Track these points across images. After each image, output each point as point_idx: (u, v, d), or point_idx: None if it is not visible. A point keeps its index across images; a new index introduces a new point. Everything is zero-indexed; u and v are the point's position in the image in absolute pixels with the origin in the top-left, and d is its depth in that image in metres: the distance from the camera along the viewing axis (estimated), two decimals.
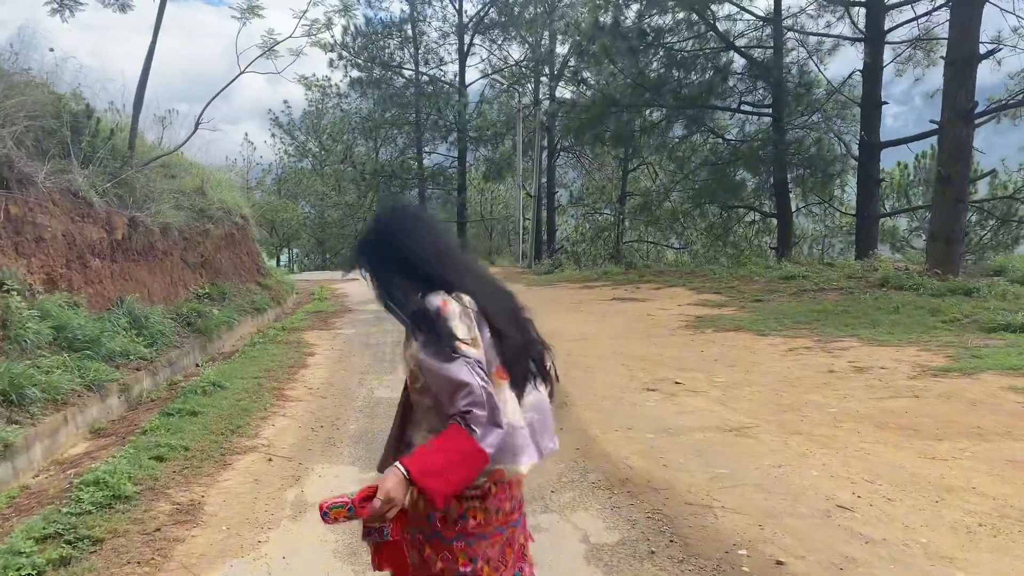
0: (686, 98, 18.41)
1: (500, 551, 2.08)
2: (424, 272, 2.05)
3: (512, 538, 2.12)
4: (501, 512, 2.06)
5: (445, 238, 2.15)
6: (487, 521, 2.03)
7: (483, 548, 2.03)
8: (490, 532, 2.04)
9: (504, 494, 2.06)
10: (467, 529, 2.01)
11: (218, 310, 11.96)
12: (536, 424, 2.14)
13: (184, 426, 6.19)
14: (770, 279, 14.52)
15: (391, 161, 37.75)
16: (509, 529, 2.10)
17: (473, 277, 2.10)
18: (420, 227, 2.11)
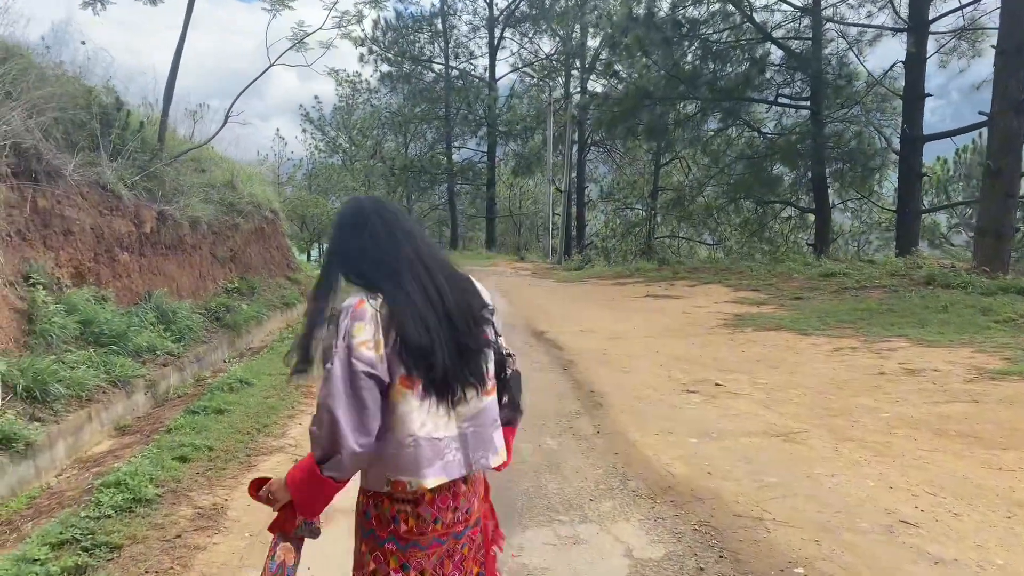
0: (722, 90, 17.98)
1: (438, 562, 2.02)
2: (359, 270, 2.01)
3: (453, 549, 2.04)
4: (441, 522, 1.99)
5: (392, 236, 2.03)
6: (420, 529, 1.97)
7: (418, 557, 1.98)
8: (427, 542, 1.98)
9: (445, 503, 1.99)
10: (399, 533, 1.96)
11: (247, 305, 11.84)
12: (470, 436, 2.01)
13: (209, 425, 6.01)
14: (809, 276, 14.09)
15: (420, 156, 37.62)
16: (450, 540, 2.03)
17: (412, 278, 1.97)
18: (371, 223, 2.04)
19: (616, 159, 35.47)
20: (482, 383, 2.02)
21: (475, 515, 2.10)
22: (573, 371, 8.24)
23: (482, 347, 2.04)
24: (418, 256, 2.01)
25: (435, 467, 1.92)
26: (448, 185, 38.90)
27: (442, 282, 2.01)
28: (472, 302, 2.06)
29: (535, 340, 10.19)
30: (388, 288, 1.94)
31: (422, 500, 1.96)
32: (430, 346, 1.90)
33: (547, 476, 5.04)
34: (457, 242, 39.83)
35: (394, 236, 2.02)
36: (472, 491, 2.06)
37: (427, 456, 1.91)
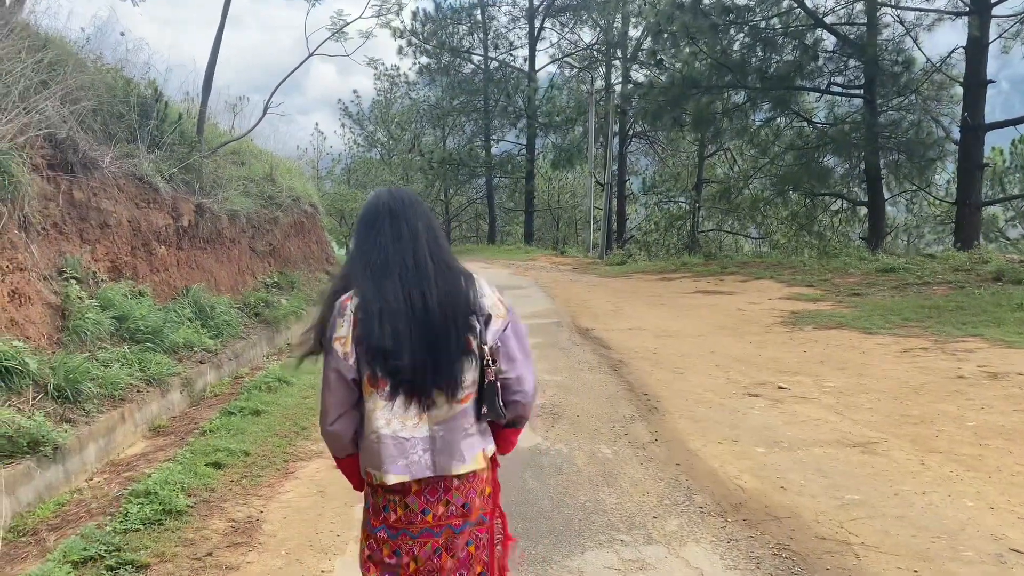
0: (772, 78, 17.30)
1: (433, 553, 2.06)
2: (352, 268, 2.12)
3: (452, 544, 2.07)
4: (431, 514, 2.04)
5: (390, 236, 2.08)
6: (409, 519, 2.03)
7: (409, 545, 2.05)
8: (417, 531, 2.04)
9: (434, 496, 2.04)
10: (389, 522, 2.04)
11: (286, 299, 11.63)
12: (439, 441, 2.02)
13: (246, 427, 5.73)
14: (866, 272, 13.46)
15: (458, 149, 37.29)
16: (446, 533, 2.06)
17: (397, 280, 2.02)
18: (379, 222, 2.11)
19: (658, 151, 34.79)
20: (454, 390, 2.01)
21: (477, 512, 2.11)
22: (623, 372, 7.83)
23: (458, 355, 2.01)
24: (414, 257, 2.04)
25: (398, 465, 1.98)
26: (486, 178, 38.53)
27: (429, 286, 2.01)
28: (458, 308, 2.03)
29: (581, 338, 9.79)
30: (366, 288, 2.01)
31: (409, 491, 2.02)
32: (393, 349, 1.94)
33: (604, 489, 4.65)
34: (495, 236, 39.48)
35: (392, 236, 2.07)
36: (469, 487, 2.07)
37: (391, 454, 1.98)
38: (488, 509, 2.16)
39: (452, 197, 46.42)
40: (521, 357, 2.13)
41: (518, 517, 4.23)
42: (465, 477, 2.06)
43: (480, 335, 2.05)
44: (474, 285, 2.10)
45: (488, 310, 2.08)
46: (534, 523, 4.18)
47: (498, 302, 2.12)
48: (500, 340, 2.08)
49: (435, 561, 2.06)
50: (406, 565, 2.05)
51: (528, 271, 20.23)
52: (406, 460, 1.99)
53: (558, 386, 7.25)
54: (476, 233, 48.21)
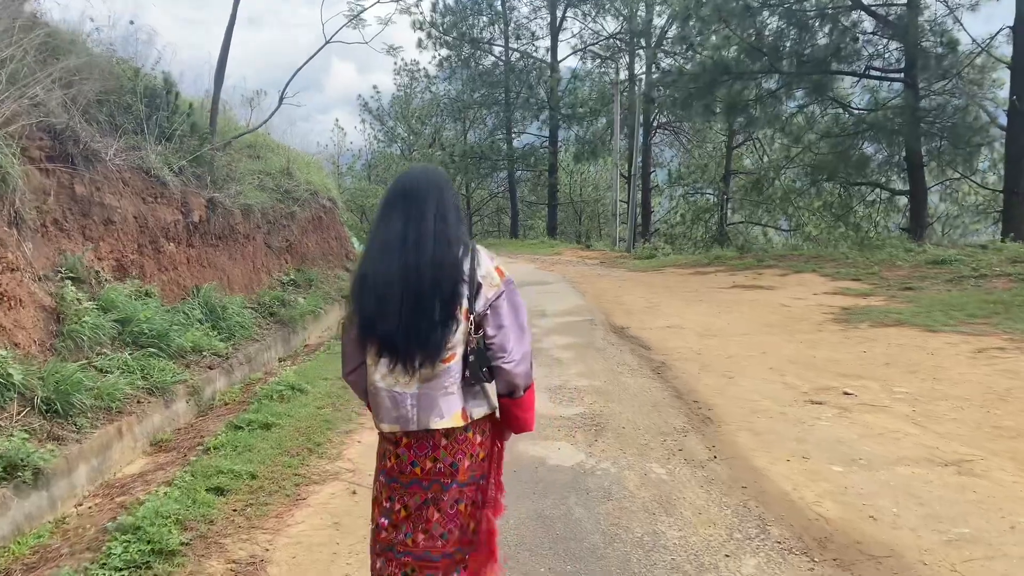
0: (809, 61, 16.46)
1: (422, 504, 2.21)
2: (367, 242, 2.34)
3: (439, 498, 2.21)
4: (419, 467, 2.21)
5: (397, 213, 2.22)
6: (400, 468, 2.23)
7: (400, 493, 2.24)
8: (407, 481, 2.23)
9: (423, 451, 2.21)
10: (387, 468, 2.27)
11: (303, 298, 11.07)
12: (422, 397, 2.18)
13: (254, 443, 5.15)
14: (915, 264, 12.67)
15: (480, 143, 36.62)
16: (434, 488, 2.21)
17: (395, 254, 2.16)
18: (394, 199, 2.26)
19: (684, 142, 33.95)
20: (433, 355, 2.14)
21: (467, 474, 2.23)
22: (667, 376, 7.17)
23: (441, 322, 2.13)
24: (417, 234, 2.16)
25: (391, 416, 2.18)
26: (508, 172, 37.85)
27: (423, 260, 2.13)
28: (444, 278, 2.14)
29: (617, 338, 9.14)
30: (368, 263, 2.22)
31: (400, 443, 2.21)
32: (376, 317, 2.14)
33: (663, 519, 4.01)
34: (517, 230, 38.80)
35: (402, 216, 2.20)
36: (457, 448, 2.21)
37: (386, 405, 2.19)
38: (480, 472, 2.28)
39: (474, 191, 45.83)
40: (510, 325, 2.22)
41: (566, 557, 3.61)
42: (453, 437, 2.20)
43: (470, 302, 2.17)
44: (470, 257, 2.21)
45: (480, 280, 2.19)
46: (586, 564, 3.55)
47: (493, 272, 2.23)
48: (490, 308, 2.20)
49: (422, 512, 2.22)
50: (397, 511, 2.24)
51: (554, 265, 19.54)
52: (398, 412, 2.17)
53: (597, 392, 6.61)
54: (498, 227, 47.59)
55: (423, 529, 2.24)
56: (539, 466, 4.84)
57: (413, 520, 2.23)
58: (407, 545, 2.25)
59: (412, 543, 2.25)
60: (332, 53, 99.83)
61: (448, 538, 2.25)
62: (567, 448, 5.19)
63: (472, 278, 2.20)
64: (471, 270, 2.20)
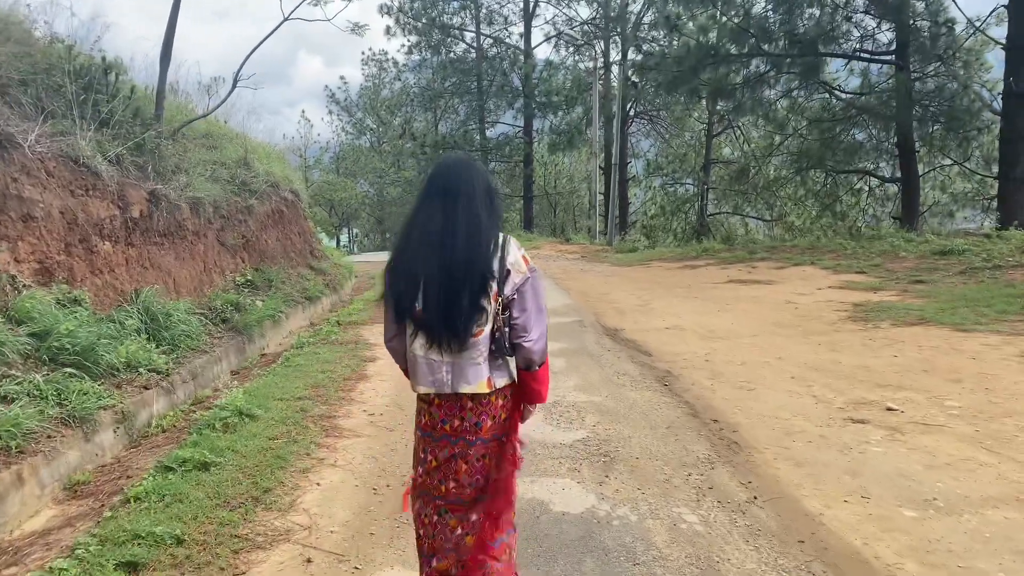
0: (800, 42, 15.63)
1: (450, 457, 2.50)
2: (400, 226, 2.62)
3: (466, 454, 2.49)
4: (448, 425, 2.48)
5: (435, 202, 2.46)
6: (432, 424, 2.52)
7: (433, 447, 2.53)
8: (438, 436, 2.51)
9: (451, 412, 2.48)
10: (421, 424, 2.58)
11: (262, 301, 10.03)
12: (454, 367, 2.43)
13: (186, 491, 4.15)
14: (920, 254, 11.91)
15: (452, 133, 35.42)
16: (461, 444, 2.49)
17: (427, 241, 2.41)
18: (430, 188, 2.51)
19: (662, 131, 33.12)
20: (463, 338, 2.39)
21: (489, 432, 2.51)
22: (677, 388, 6.27)
23: (469, 311, 2.38)
24: (451, 228, 2.39)
25: (427, 380, 2.47)
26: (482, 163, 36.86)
27: (453, 253, 2.37)
28: (474, 272, 2.38)
29: (611, 342, 8.23)
30: (400, 250, 2.51)
31: (433, 403, 2.51)
32: (404, 299, 2.44)
33: None
34: None
35: (440, 209, 2.43)
36: (481, 410, 2.48)
37: (423, 371, 2.47)
38: (502, 431, 2.55)
39: None
40: (531, 309, 2.48)
41: None
42: (478, 400, 2.47)
43: (500, 287, 2.42)
44: (500, 249, 2.45)
45: (509, 267, 2.44)
46: None
47: (521, 260, 2.48)
48: (517, 292, 2.45)
49: (451, 464, 2.51)
50: (430, 462, 2.54)
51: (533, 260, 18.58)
52: (433, 377, 2.45)
53: (599, 411, 5.68)
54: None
55: (453, 478, 2.51)
56: (541, 514, 3.91)
57: (443, 470, 2.51)
58: (440, 491, 2.53)
59: (444, 490, 2.52)
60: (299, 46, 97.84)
61: (474, 487, 2.52)
62: (573, 488, 4.26)
63: (502, 265, 2.43)
64: (501, 259, 2.43)
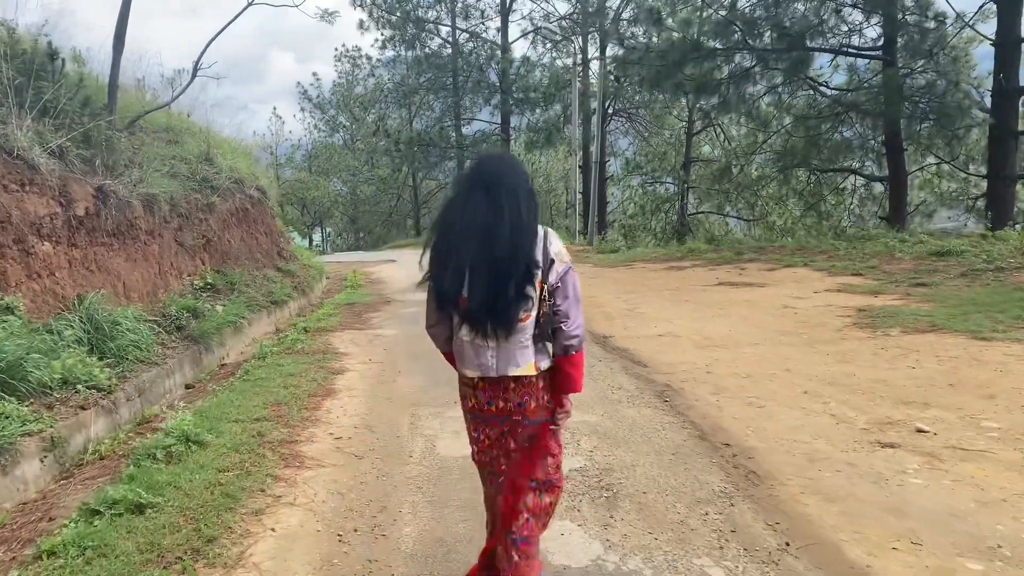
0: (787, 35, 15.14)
1: (500, 435, 2.68)
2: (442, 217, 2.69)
3: (514, 431, 2.65)
4: (494, 406, 2.64)
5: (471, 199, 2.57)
6: (479, 407, 2.68)
7: (483, 427, 2.72)
8: (487, 417, 2.68)
9: (496, 393, 2.62)
10: (467, 407, 2.75)
11: (223, 306, 9.31)
12: (502, 350, 2.57)
13: (114, 543, 3.46)
14: (917, 256, 11.44)
15: (427, 130, 34.60)
16: (509, 423, 2.65)
17: (467, 235, 2.52)
18: (465, 185, 2.66)
19: (641, 129, 32.61)
20: (509, 325, 2.52)
21: (536, 413, 2.64)
22: (679, 405, 5.67)
23: (515, 301, 2.51)
24: (494, 222, 2.49)
25: (473, 364, 2.62)
26: (458, 160, 36.00)
27: (499, 247, 2.46)
28: (519, 264, 2.49)
29: (601, 350, 7.62)
30: (445, 242, 2.59)
31: (478, 386, 2.65)
32: (449, 289, 2.56)
33: None
34: None
35: (481, 204, 2.53)
36: (524, 391, 2.60)
37: (469, 355, 2.63)
38: (547, 414, 2.68)
39: (421, 181, 43.96)
40: (572, 297, 2.60)
41: None
42: (520, 381, 2.59)
43: (544, 275, 2.55)
44: (542, 240, 2.57)
45: (553, 256, 2.57)
46: None
47: (563, 251, 2.63)
48: (560, 281, 2.58)
49: (501, 442, 2.69)
50: (482, 440, 2.73)
51: None
52: (479, 361, 2.60)
53: (596, 432, 5.07)
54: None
55: (505, 455, 2.71)
56: None
57: (496, 447, 2.71)
58: (495, 466, 2.75)
59: (499, 466, 2.74)
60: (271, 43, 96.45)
61: (524, 465, 2.70)
62: (574, 533, 3.64)
63: (546, 255, 2.57)
64: (544, 248, 2.57)
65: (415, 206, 44.76)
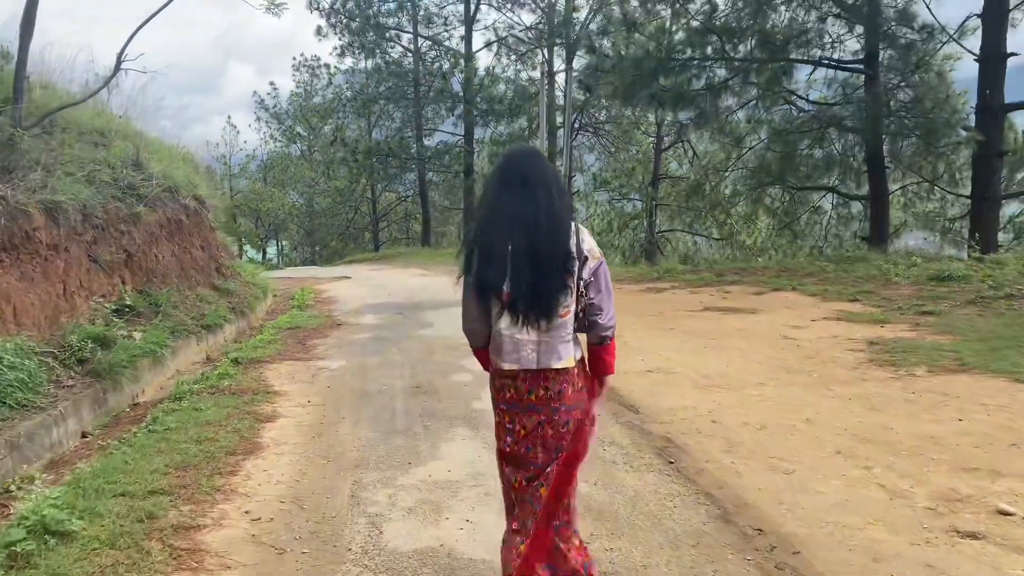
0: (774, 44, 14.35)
1: (537, 425, 2.67)
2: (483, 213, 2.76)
3: (552, 420, 2.67)
4: (535, 394, 2.66)
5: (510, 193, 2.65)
6: (519, 397, 2.68)
7: (520, 417, 2.70)
8: (525, 407, 2.68)
9: (536, 383, 2.65)
10: (505, 399, 2.72)
11: (143, 332, 8.02)
12: (543, 344, 2.63)
13: None
14: (915, 280, 10.56)
15: (387, 140, 33.25)
16: (547, 410, 2.66)
17: (507, 228, 2.59)
18: (502, 177, 2.72)
19: (607, 144, 31.81)
20: (552, 314, 2.60)
21: (572, 399, 2.68)
22: (687, 468, 4.59)
23: (556, 291, 2.59)
24: (533, 215, 2.57)
25: (512, 357, 2.65)
26: (419, 172, 34.73)
27: (540, 238, 2.56)
28: (558, 255, 2.59)
29: None
30: (488, 235, 2.65)
31: (518, 377, 2.66)
32: (492, 281, 2.61)
33: None
34: (429, 237, 35.76)
35: (520, 197, 2.61)
36: (562, 379, 2.65)
37: (507, 349, 2.66)
38: (581, 399, 2.72)
39: (380, 194, 42.63)
40: (605, 290, 2.72)
41: None
42: (560, 371, 2.64)
43: (579, 271, 2.63)
44: (576, 235, 2.65)
45: (586, 253, 2.66)
46: None
47: (594, 246, 2.71)
48: (593, 276, 2.68)
49: (539, 431, 2.68)
50: (518, 431, 2.70)
51: None
52: (518, 354, 2.63)
53: (591, 510, 3.95)
54: (407, 234, 44.51)
55: (541, 444, 2.69)
56: None
57: (531, 437, 2.68)
58: (529, 457, 2.71)
59: (534, 456, 2.70)
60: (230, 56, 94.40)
61: (561, 452, 2.70)
62: None
63: (579, 251, 2.65)
64: (577, 245, 2.65)
65: (373, 219, 43.38)
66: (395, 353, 8.57)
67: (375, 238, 43.34)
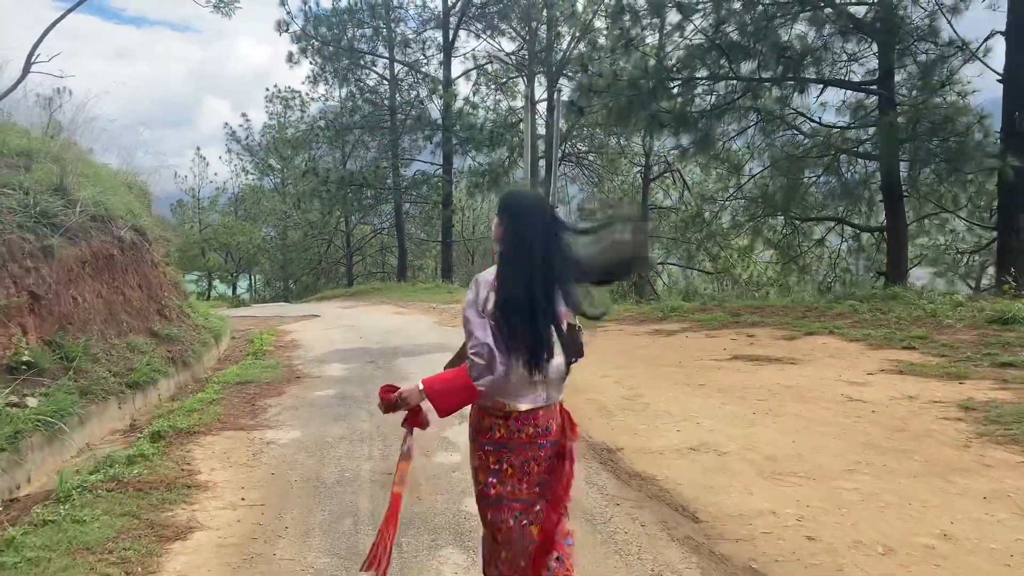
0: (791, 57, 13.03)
1: (524, 463, 2.67)
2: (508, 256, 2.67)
3: (538, 456, 2.68)
4: (524, 433, 2.65)
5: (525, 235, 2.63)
6: (509, 436, 2.65)
7: (508, 455, 2.67)
8: (515, 445, 2.66)
9: (527, 421, 2.65)
10: (494, 438, 2.68)
11: (42, 396, 6.32)
12: (550, 383, 2.65)
13: None
14: (973, 323, 9.11)
15: (362, 170, 31.62)
16: (534, 448, 2.67)
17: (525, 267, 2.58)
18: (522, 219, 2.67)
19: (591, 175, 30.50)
20: (552, 352, 2.59)
21: (556, 434, 2.71)
22: None
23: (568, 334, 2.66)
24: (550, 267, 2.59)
25: (529, 398, 2.64)
26: (395, 203, 33.06)
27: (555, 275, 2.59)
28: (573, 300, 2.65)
29: (614, 480, 4.95)
30: (519, 287, 2.57)
31: (510, 416, 2.65)
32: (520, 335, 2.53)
33: None
34: (405, 271, 34.01)
35: (539, 244, 2.60)
36: (549, 415, 2.68)
37: (524, 391, 2.63)
38: (562, 432, 2.73)
39: (354, 226, 40.96)
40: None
41: None
42: (550, 408, 2.69)
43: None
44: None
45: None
46: None
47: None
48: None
49: (525, 467, 2.66)
50: (505, 470, 2.66)
51: (458, 318, 15.21)
52: (534, 395, 2.63)
53: None
54: (383, 268, 42.74)
55: (527, 480, 2.66)
56: None
57: (518, 474, 2.66)
58: (515, 494, 2.66)
59: (519, 492, 2.66)
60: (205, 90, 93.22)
61: (544, 485, 2.68)
62: None
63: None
64: None
65: (347, 252, 41.65)
66: (363, 419, 6.90)
67: (349, 272, 41.59)
